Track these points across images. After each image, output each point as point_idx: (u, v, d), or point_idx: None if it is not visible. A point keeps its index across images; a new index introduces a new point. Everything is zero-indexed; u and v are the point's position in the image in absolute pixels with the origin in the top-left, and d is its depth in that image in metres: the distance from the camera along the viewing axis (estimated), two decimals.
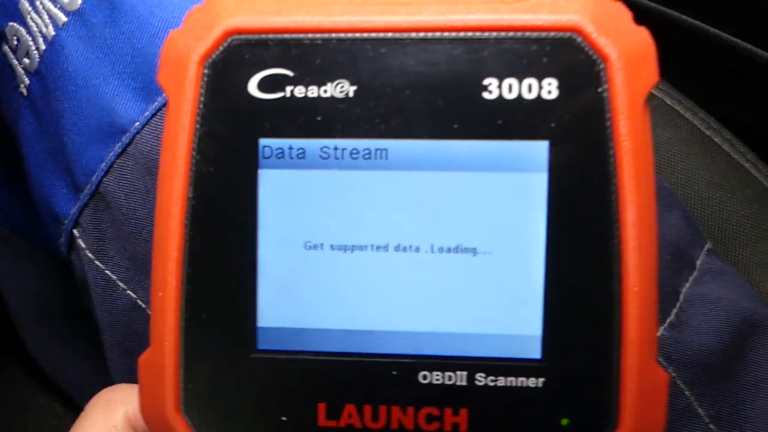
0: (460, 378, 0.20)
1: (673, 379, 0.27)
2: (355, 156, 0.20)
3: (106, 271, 0.28)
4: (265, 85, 0.20)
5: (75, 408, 0.40)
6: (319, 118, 0.20)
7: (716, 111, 0.37)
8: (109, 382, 0.31)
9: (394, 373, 0.20)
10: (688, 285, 0.28)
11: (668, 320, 0.27)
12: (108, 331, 0.29)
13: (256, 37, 0.20)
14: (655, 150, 0.35)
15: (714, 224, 0.34)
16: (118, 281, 0.28)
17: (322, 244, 0.20)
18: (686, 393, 0.27)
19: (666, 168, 0.35)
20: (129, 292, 0.28)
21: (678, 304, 0.28)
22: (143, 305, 0.28)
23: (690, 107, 0.37)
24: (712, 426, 0.27)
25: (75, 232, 0.28)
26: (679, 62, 0.38)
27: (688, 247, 0.29)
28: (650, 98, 0.37)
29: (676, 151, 0.35)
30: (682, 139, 0.35)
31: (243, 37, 0.20)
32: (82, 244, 0.28)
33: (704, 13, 0.37)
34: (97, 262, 0.28)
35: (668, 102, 0.37)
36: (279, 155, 0.20)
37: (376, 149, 0.20)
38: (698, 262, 0.29)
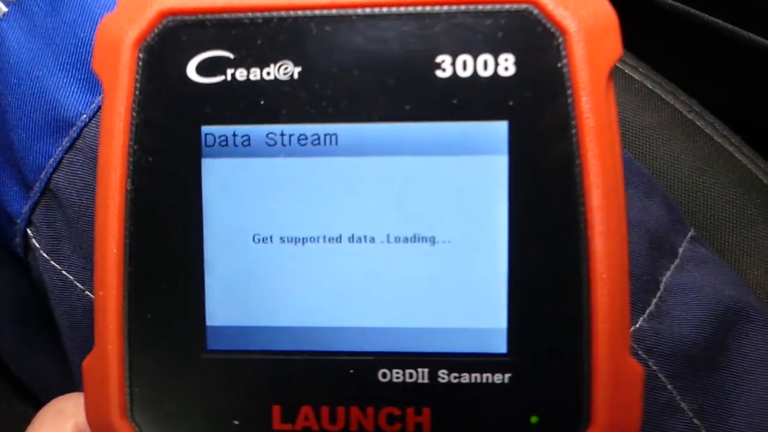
0: (421, 375, 0.19)
1: (654, 373, 0.25)
2: (303, 142, 0.19)
3: (63, 272, 0.27)
4: (204, 68, 0.18)
5: None
6: (263, 102, 0.18)
7: (698, 94, 0.36)
8: (78, 387, 0.30)
9: (352, 371, 0.19)
10: (669, 273, 0.27)
11: (648, 311, 0.26)
12: (68, 334, 0.28)
13: (193, 17, 0.18)
14: (635, 135, 0.34)
15: (698, 210, 0.33)
16: (75, 281, 0.27)
17: (271, 237, 0.19)
18: (668, 387, 0.26)
19: (647, 154, 0.34)
20: (87, 292, 0.27)
21: (658, 294, 0.26)
22: None
23: (671, 90, 0.35)
24: (696, 420, 0.26)
25: (29, 231, 0.27)
26: (660, 44, 0.37)
27: (669, 235, 0.28)
28: (630, 82, 0.36)
29: (658, 136, 0.34)
30: (664, 123, 0.34)
31: (179, 18, 0.18)
32: (36, 244, 0.27)
33: None
34: (52, 263, 0.27)
35: (649, 86, 0.35)
36: (222, 143, 0.19)
37: (325, 134, 0.18)
38: (680, 250, 0.28)
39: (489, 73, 0.18)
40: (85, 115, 0.24)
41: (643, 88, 0.35)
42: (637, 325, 0.26)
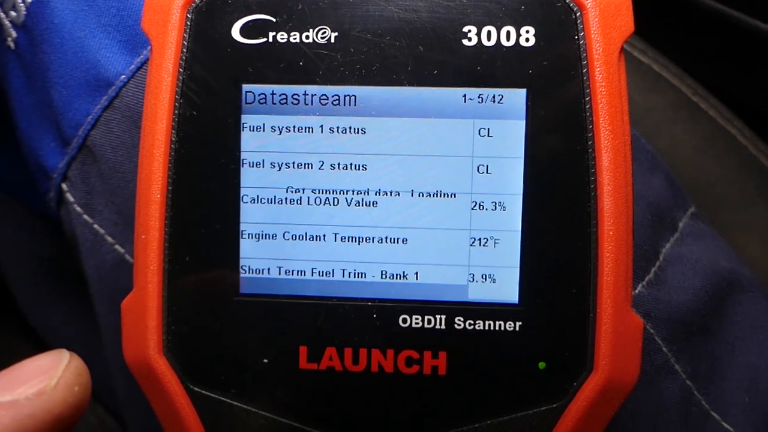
0: (439, 321, 0.20)
1: (651, 336, 0.27)
2: (337, 102, 0.20)
3: (95, 225, 0.28)
4: (247, 30, 0.20)
5: None
6: (301, 64, 0.20)
7: (703, 78, 0.37)
8: (101, 342, 0.31)
9: (375, 316, 0.20)
10: (668, 245, 0.28)
11: (647, 278, 0.27)
12: (96, 286, 0.29)
13: None
14: (642, 115, 0.36)
15: (700, 189, 0.35)
16: (106, 235, 0.28)
17: (303, 189, 0.20)
18: (664, 349, 0.27)
19: (653, 133, 0.35)
20: (117, 246, 0.28)
21: (657, 263, 0.28)
22: (131, 260, 0.28)
23: (678, 74, 0.37)
24: (689, 382, 0.27)
25: (63, 186, 0.28)
26: (668, 30, 0.38)
27: (671, 209, 0.29)
28: (638, 64, 0.37)
29: (663, 117, 0.35)
30: (669, 104, 0.36)
31: None
32: (71, 198, 0.28)
33: None
34: (85, 216, 0.28)
35: (656, 68, 0.37)
36: (261, 100, 0.20)
37: (361, 95, 0.20)
38: (681, 225, 0.29)
39: (511, 43, 0.19)
40: (123, 76, 0.26)
41: (651, 71, 0.37)
42: (636, 291, 0.27)
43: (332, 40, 0.20)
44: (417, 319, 0.20)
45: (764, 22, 0.35)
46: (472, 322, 0.20)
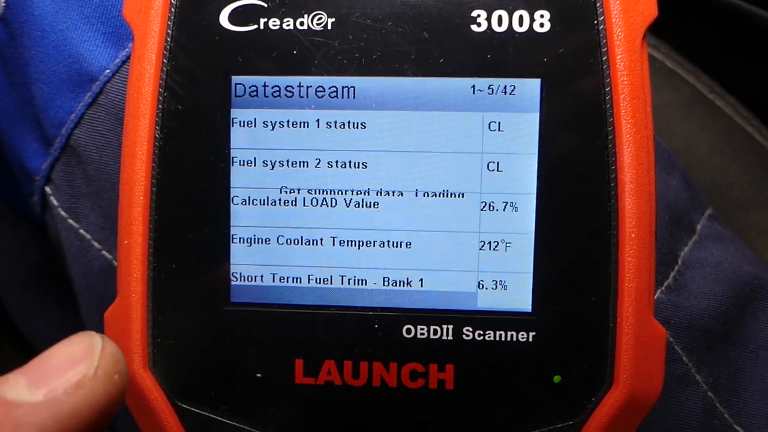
0: (446, 332, 0.19)
1: (671, 345, 0.26)
2: (334, 94, 0.19)
3: (80, 230, 0.27)
4: (237, 16, 0.18)
5: None
6: (295, 52, 0.18)
7: (719, 75, 0.36)
8: None
9: (377, 327, 0.19)
10: (687, 249, 0.27)
11: (666, 283, 0.26)
12: (83, 294, 0.28)
13: None
14: (655, 113, 0.34)
15: (716, 190, 0.33)
16: (92, 241, 0.27)
17: (298, 189, 0.19)
18: (684, 359, 0.26)
19: (666, 132, 0.34)
20: (104, 252, 0.27)
21: (676, 268, 0.27)
22: None
23: (692, 71, 0.35)
24: (710, 394, 0.26)
25: (47, 189, 0.27)
26: (682, 26, 0.37)
27: (688, 211, 0.28)
28: (651, 61, 0.36)
29: (677, 115, 0.34)
30: (683, 102, 0.34)
31: None
32: (55, 202, 0.27)
33: None
34: (70, 221, 0.27)
35: (669, 65, 0.35)
36: (252, 93, 0.19)
37: (356, 87, 0.18)
38: (698, 227, 0.28)
39: (524, 29, 0.18)
40: (108, 70, 0.24)
41: (664, 68, 0.35)
42: (655, 297, 0.26)
43: (329, 27, 0.18)
44: (422, 329, 0.19)
45: None
46: (481, 332, 0.19)
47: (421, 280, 0.19)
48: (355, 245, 0.19)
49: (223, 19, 0.18)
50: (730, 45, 0.36)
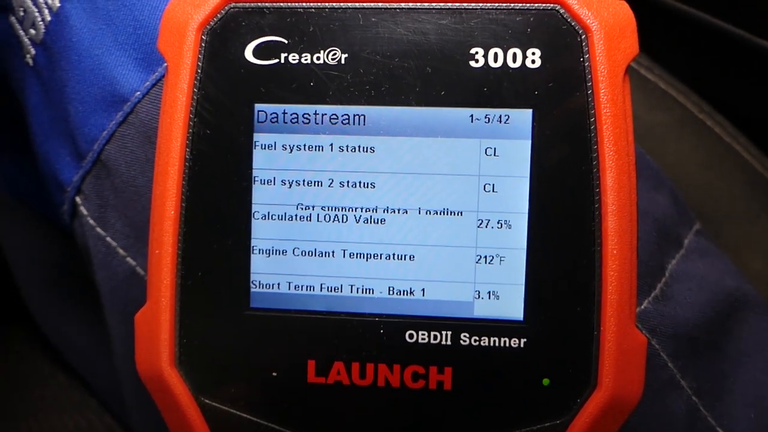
0: (445, 337, 0.21)
1: (657, 352, 0.27)
2: (347, 122, 0.20)
3: (107, 238, 0.29)
4: (260, 51, 0.20)
5: (78, 378, 0.41)
6: (312, 84, 0.20)
7: (708, 95, 0.37)
8: (109, 352, 0.31)
9: (382, 331, 0.21)
10: (674, 262, 0.29)
11: (653, 294, 0.27)
12: (107, 297, 0.30)
13: (253, 5, 0.20)
14: (647, 132, 0.36)
15: (705, 205, 0.35)
16: (118, 248, 0.29)
17: (313, 206, 0.21)
18: (670, 365, 0.27)
19: (658, 150, 0.35)
20: (129, 259, 0.29)
21: (663, 279, 0.28)
22: (142, 272, 0.29)
23: (683, 91, 0.37)
24: (694, 398, 0.27)
25: (77, 199, 0.29)
26: (674, 48, 0.38)
27: (676, 226, 0.29)
28: (645, 82, 0.37)
29: (669, 134, 0.36)
30: (675, 121, 0.36)
31: (240, 5, 0.20)
32: (84, 211, 0.29)
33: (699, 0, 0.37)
34: (98, 229, 0.29)
35: (662, 86, 0.37)
36: (273, 119, 0.21)
37: (369, 115, 0.20)
38: (686, 241, 0.30)
39: (517, 65, 0.20)
40: (138, 92, 0.26)
41: (657, 89, 0.37)
42: (642, 307, 0.27)
43: (342, 62, 0.20)
44: (423, 334, 0.21)
45: None
46: (477, 338, 0.20)
47: (423, 289, 0.21)
48: (363, 257, 0.21)
49: (248, 54, 0.20)
50: (720, 67, 0.38)
